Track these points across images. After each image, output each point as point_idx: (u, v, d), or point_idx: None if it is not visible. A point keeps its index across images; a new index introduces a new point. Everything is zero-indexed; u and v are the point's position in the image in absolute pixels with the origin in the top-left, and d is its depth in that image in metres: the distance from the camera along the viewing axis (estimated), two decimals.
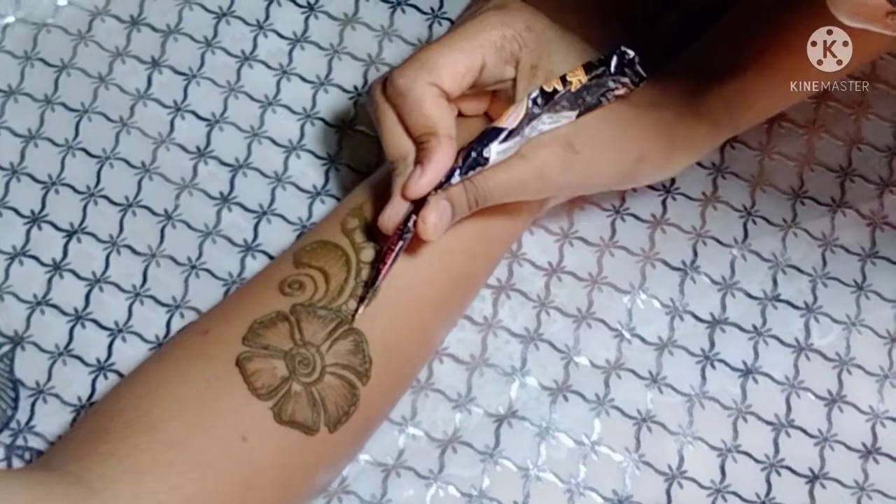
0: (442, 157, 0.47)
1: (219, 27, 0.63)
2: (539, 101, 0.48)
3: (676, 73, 0.52)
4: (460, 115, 0.52)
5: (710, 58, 0.53)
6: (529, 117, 0.48)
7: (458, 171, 0.47)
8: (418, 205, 0.48)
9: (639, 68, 0.50)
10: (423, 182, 0.47)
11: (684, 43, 0.55)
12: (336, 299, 0.49)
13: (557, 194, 0.53)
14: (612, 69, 0.50)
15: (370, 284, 0.49)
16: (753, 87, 0.53)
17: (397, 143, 0.49)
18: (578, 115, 0.50)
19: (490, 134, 0.48)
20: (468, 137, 0.48)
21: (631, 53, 0.50)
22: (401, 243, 0.48)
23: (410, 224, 0.48)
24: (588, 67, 0.50)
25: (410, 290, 0.50)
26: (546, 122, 0.49)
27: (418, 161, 0.48)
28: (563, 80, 0.49)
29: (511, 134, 0.48)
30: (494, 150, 0.48)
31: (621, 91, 0.50)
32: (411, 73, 0.48)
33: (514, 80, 0.50)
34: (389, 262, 0.48)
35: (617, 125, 0.51)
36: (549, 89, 0.48)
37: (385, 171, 0.53)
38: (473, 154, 0.47)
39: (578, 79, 0.49)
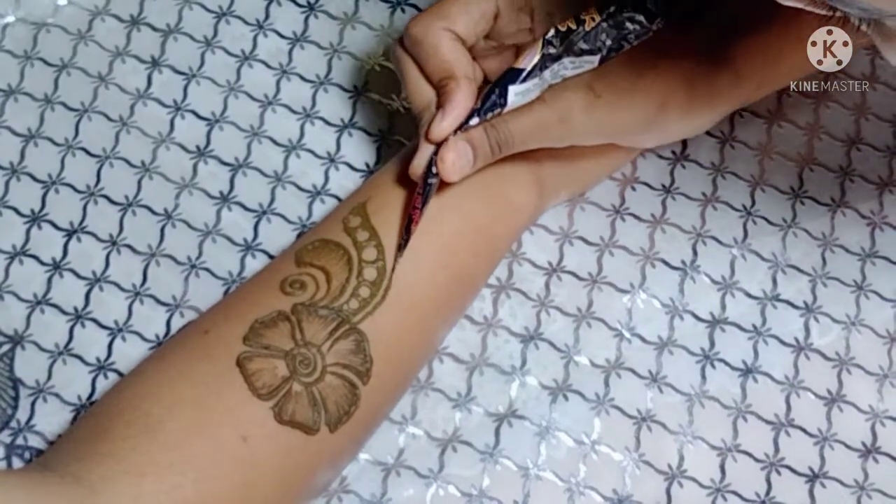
0: (461, 99, 0.48)
1: (219, 27, 0.63)
2: (554, 41, 0.48)
3: (699, 24, 0.52)
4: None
5: (735, 10, 0.53)
6: (546, 58, 0.48)
7: (477, 113, 0.48)
8: None
9: (650, 6, 0.49)
10: (444, 124, 0.48)
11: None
12: (337, 299, 0.48)
13: (580, 141, 0.53)
14: (624, 7, 0.49)
15: (404, 232, 0.49)
16: (779, 43, 0.52)
17: (420, 92, 0.50)
18: (601, 62, 0.49)
19: (508, 76, 0.48)
20: None
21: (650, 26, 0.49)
22: (427, 188, 0.48)
23: (433, 168, 0.48)
24: (601, 7, 0.49)
25: (412, 289, 0.50)
26: (568, 68, 0.49)
27: (439, 105, 0.48)
28: (577, 19, 0.48)
29: (529, 75, 0.48)
30: (513, 92, 0.48)
31: (640, 31, 0.49)
32: (425, 21, 0.49)
33: (532, 30, 0.50)
34: (420, 207, 0.48)
35: (637, 70, 0.51)
36: (563, 28, 0.48)
37: (387, 169, 0.53)
38: (493, 96, 0.48)
39: (591, 17, 0.48)
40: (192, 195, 0.59)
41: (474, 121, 0.48)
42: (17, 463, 0.53)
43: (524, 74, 0.48)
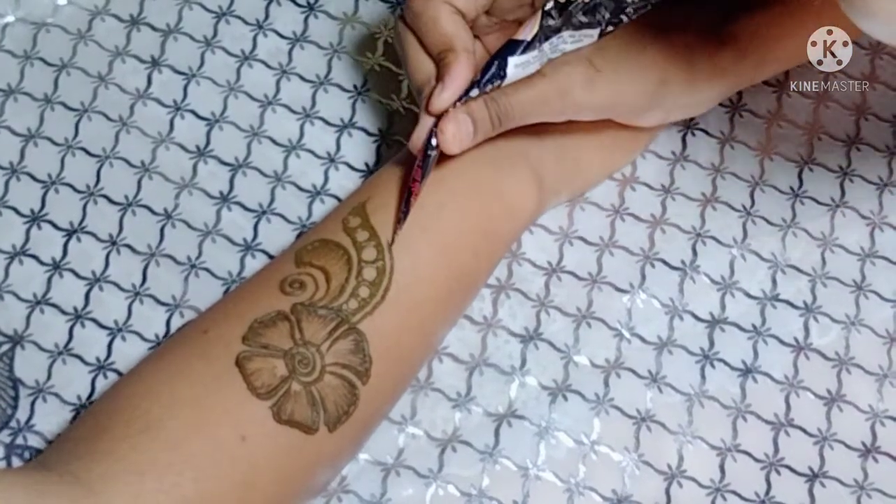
0: (460, 71, 0.48)
1: (218, 27, 0.63)
2: (553, 13, 0.47)
3: (702, 1, 0.53)
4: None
5: None
6: (546, 31, 0.48)
7: (476, 85, 0.48)
8: None
9: None
10: (444, 96, 0.48)
11: None
12: (337, 298, 0.48)
13: (580, 116, 0.52)
14: None
15: (403, 205, 0.49)
16: (781, 21, 0.53)
17: (420, 67, 0.50)
18: (600, 36, 0.49)
19: (507, 48, 0.48)
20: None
21: None
22: (427, 160, 0.48)
23: (433, 140, 0.48)
24: None
25: (412, 288, 0.50)
26: (568, 42, 0.49)
27: (439, 78, 0.48)
28: None
29: (528, 47, 0.47)
30: (512, 63, 0.47)
31: (639, 4, 0.49)
32: None
33: (533, 5, 0.50)
34: (420, 180, 0.48)
35: (638, 45, 0.51)
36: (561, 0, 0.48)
37: (387, 169, 0.53)
38: (492, 68, 0.48)
39: None
40: (192, 195, 0.59)
41: (474, 92, 0.48)
42: (16, 463, 0.53)
43: (523, 46, 0.47)
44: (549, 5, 0.48)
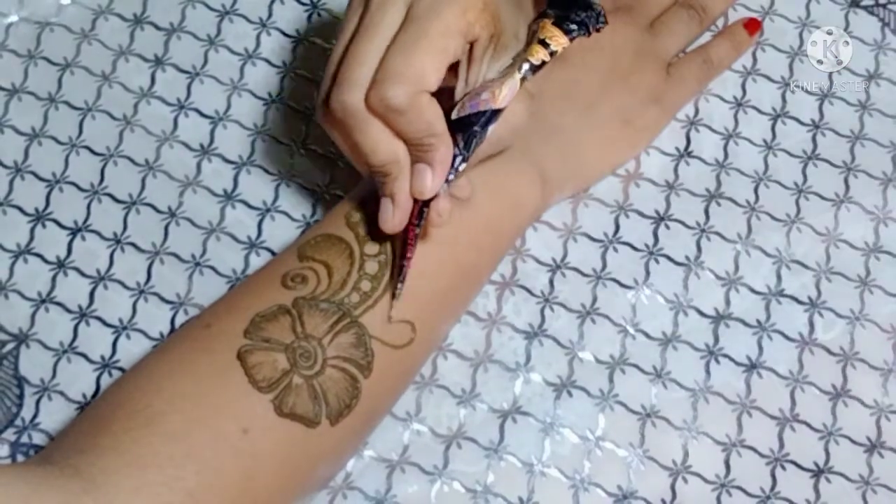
0: (447, 153, 0.46)
1: (222, 25, 0.63)
2: (529, 75, 0.46)
3: None
4: None
5: None
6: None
7: (461, 159, 0.46)
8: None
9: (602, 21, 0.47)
10: (437, 182, 0.46)
11: None
12: (339, 292, 0.49)
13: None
14: (591, 30, 0.47)
15: (398, 281, 0.49)
16: None
17: (387, 148, 0.47)
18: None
19: (489, 117, 0.46)
20: None
21: (599, 8, 0.47)
22: (416, 234, 0.48)
23: (424, 218, 0.47)
24: (568, 30, 0.46)
25: (415, 282, 0.50)
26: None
27: (421, 161, 0.47)
28: (545, 43, 0.46)
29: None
30: (490, 131, 0.47)
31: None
32: (405, 90, 0.45)
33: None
34: (411, 256, 0.48)
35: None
36: (537, 62, 0.46)
37: None
38: (474, 140, 0.46)
39: (563, 46, 0.46)
40: (196, 193, 0.59)
41: (461, 167, 0.47)
42: (21, 461, 0.53)
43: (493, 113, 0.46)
44: (525, 68, 0.46)
